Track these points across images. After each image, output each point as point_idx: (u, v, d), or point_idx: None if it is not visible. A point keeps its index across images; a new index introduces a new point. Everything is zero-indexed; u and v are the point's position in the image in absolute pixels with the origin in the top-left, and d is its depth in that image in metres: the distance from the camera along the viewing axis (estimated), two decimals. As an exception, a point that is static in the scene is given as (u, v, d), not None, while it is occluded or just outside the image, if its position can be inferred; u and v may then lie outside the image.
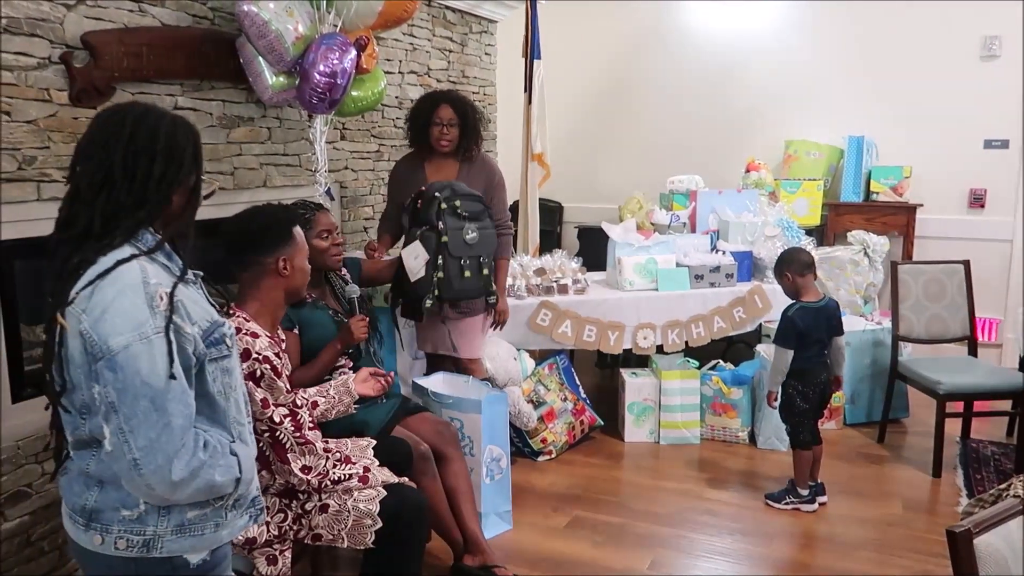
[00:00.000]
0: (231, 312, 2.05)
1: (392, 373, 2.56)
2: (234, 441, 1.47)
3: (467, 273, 3.03)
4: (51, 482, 2.43)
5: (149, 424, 1.30)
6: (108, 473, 1.40)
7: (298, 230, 2.17)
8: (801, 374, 3.18)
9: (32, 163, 2.42)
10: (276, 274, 2.11)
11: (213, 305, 1.50)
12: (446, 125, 3.22)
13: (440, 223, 2.97)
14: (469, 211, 3.03)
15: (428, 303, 2.99)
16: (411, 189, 3.28)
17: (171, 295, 1.36)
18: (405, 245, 3.00)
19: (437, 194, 2.99)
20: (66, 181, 1.43)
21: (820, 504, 3.26)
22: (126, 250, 1.38)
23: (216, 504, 1.45)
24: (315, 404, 2.31)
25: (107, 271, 1.34)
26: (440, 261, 2.98)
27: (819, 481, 3.29)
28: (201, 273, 1.52)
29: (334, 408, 2.36)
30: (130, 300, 1.32)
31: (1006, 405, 3.85)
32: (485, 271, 3.10)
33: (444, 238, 2.97)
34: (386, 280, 3.14)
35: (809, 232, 4.70)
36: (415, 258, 2.95)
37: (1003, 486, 2.29)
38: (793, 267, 3.21)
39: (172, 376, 1.32)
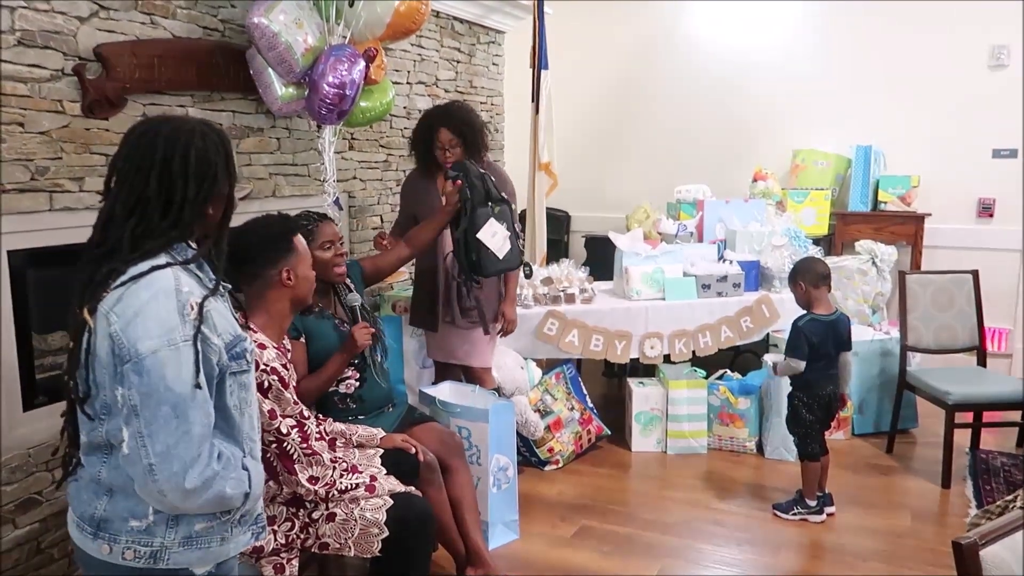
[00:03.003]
0: (248, 326, 2.06)
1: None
2: (245, 456, 1.47)
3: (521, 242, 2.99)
4: (58, 489, 2.45)
5: (168, 431, 1.32)
6: (119, 480, 1.40)
7: (299, 239, 2.16)
8: (807, 386, 3.17)
9: (44, 173, 2.44)
10: (280, 285, 2.10)
11: (236, 319, 1.51)
12: (447, 148, 3.17)
13: (503, 194, 2.92)
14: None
15: (527, 269, 2.96)
16: (424, 202, 3.27)
17: (201, 305, 1.37)
18: (469, 230, 2.84)
19: (483, 170, 2.92)
20: (101, 199, 1.45)
21: (828, 515, 3.25)
22: (162, 258, 1.39)
23: (223, 518, 1.45)
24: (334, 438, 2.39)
25: (141, 275, 1.36)
26: (519, 228, 2.93)
27: (827, 491, 3.28)
28: (230, 286, 1.53)
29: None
30: (162, 305, 1.34)
31: (1016, 416, 3.82)
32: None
33: (513, 205, 2.91)
34: (394, 268, 3.05)
35: (816, 242, 4.69)
36: (493, 235, 2.85)
37: (1010, 497, 2.29)
38: (808, 277, 3.19)
39: (197, 385, 1.33)
